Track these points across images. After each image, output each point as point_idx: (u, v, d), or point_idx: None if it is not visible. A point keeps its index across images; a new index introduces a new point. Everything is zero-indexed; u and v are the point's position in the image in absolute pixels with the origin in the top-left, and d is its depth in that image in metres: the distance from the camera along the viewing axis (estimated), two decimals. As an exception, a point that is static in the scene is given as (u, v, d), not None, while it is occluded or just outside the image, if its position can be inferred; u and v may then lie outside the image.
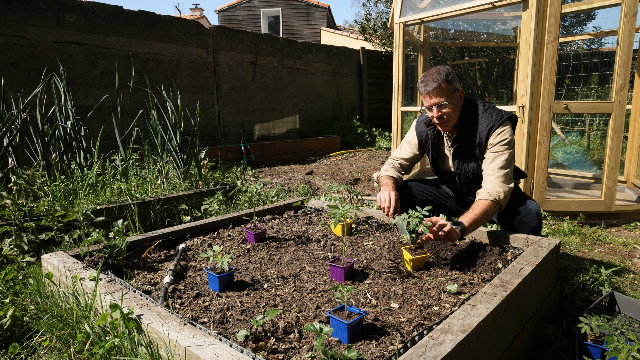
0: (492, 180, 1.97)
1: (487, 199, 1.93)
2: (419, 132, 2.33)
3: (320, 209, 2.75)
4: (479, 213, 1.89)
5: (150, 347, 1.23)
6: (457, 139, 2.14)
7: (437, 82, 1.98)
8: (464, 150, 2.15)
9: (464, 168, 2.18)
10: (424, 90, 2.02)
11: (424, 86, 2.02)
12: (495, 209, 1.95)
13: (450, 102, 2.00)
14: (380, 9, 11.47)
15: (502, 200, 1.93)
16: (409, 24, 4.17)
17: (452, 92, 2.01)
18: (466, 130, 2.11)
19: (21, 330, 1.65)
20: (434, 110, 2.02)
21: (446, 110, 2.01)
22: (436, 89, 1.98)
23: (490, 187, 1.96)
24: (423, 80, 2.04)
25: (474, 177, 2.17)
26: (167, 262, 1.90)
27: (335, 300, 1.46)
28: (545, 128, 3.24)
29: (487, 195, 1.93)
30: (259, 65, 7.68)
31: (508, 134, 2.03)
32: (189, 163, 3.60)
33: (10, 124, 2.91)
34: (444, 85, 1.98)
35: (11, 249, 2.11)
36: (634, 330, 1.56)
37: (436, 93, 1.99)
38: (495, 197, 1.92)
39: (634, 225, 3.33)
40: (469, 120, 2.11)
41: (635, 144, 4.22)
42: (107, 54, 5.57)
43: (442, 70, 2.01)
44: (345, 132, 9.08)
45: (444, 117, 2.03)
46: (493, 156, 2.02)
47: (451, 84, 2.00)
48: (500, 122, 2.03)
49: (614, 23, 7.18)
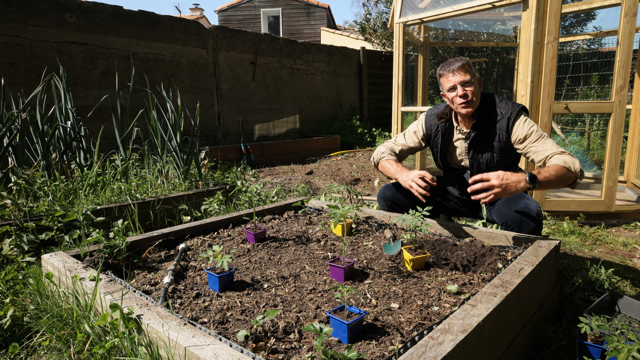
0: (559, 155, 1.88)
1: (560, 164, 1.82)
2: (428, 125, 2.31)
3: (320, 209, 2.75)
4: (554, 174, 1.78)
5: (150, 347, 1.23)
6: (474, 126, 2.12)
7: (462, 62, 2.01)
8: (480, 139, 2.13)
9: (478, 159, 2.16)
10: (448, 69, 2.03)
11: (448, 66, 2.03)
12: (571, 179, 1.84)
13: (475, 81, 2.02)
14: (380, 9, 11.48)
15: (578, 171, 1.83)
16: (409, 24, 4.17)
17: (474, 76, 2.04)
18: (484, 119, 2.10)
19: (21, 330, 1.65)
20: (459, 89, 2.01)
21: (470, 89, 2.01)
22: (461, 67, 2.00)
23: (562, 157, 1.85)
24: (445, 63, 2.06)
25: (486, 169, 2.15)
26: (167, 262, 1.90)
27: (335, 300, 1.46)
28: (545, 128, 3.24)
29: (562, 162, 1.83)
30: (259, 65, 7.68)
31: (533, 122, 2.04)
32: (189, 163, 3.60)
33: (10, 124, 2.91)
34: (467, 66, 2.01)
35: (11, 249, 2.11)
36: (634, 330, 1.56)
37: (462, 71, 2.00)
38: (570, 165, 1.82)
39: (634, 225, 3.33)
40: (486, 109, 2.11)
41: (635, 144, 4.22)
42: (107, 54, 5.57)
43: (462, 57, 2.04)
44: (345, 132, 9.08)
45: (468, 96, 2.01)
46: (541, 141, 1.98)
47: (472, 68, 2.04)
48: (517, 111, 2.04)
49: (614, 23, 7.19)
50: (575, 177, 1.85)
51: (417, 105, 5.05)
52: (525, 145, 2.04)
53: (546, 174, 1.79)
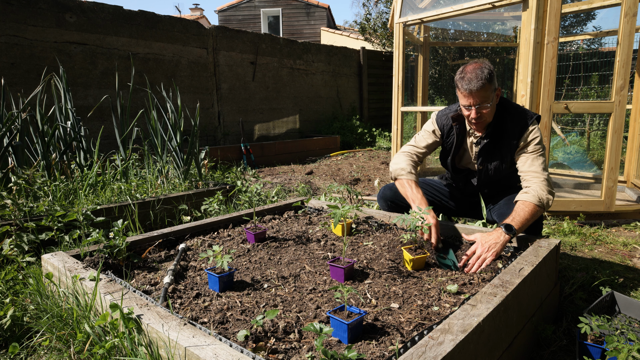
0: (539, 183, 1.91)
1: (534, 203, 1.86)
2: (441, 124, 2.23)
3: (320, 209, 2.75)
4: (528, 217, 1.83)
5: (150, 347, 1.23)
6: (488, 135, 2.06)
7: (482, 82, 1.86)
8: (490, 147, 2.10)
9: (486, 165, 2.15)
10: (466, 88, 1.89)
11: (467, 84, 1.89)
12: (540, 214, 1.89)
13: (492, 101, 1.93)
14: (380, 9, 11.48)
15: (547, 206, 1.89)
16: (409, 24, 4.17)
17: (492, 91, 1.92)
18: (497, 128, 2.06)
19: (21, 330, 1.65)
20: (472, 111, 1.93)
21: (486, 112, 1.94)
22: (480, 89, 1.87)
23: (539, 190, 1.88)
24: (464, 77, 1.90)
25: (493, 175, 2.15)
26: (167, 262, 1.90)
27: (335, 300, 1.46)
28: (545, 128, 3.24)
29: (537, 200, 1.86)
30: (259, 65, 7.68)
31: (539, 134, 2.02)
32: (189, 163, 3.60)
33: (10, 124, 2.91)
34: (487, 85, 1.87)
35: (11, 249, 2.11)
36: (634, 330, 1.56)
37: (479, 94, 1.88)
38: (544, 202, 1.86)
39: (634, 225, 3.33)
40: (500, 118, 2.06)
41: (635, 144, 4.22)
42: (107, 54, 5.57)
43: (485, 66, 1.89)
44: (345, 132, 9.08)
45: (482, 119, 1.96)
46: (532, 156, 1.98)
47: (492, 83, 1.90)
48: (530, 121, 2.01)
49: (614, 23, 7.19)
50: (543, 211, 1.91)
51: (417, 105, 5.05)
52: (520, 152, 2.05)
53: (520, 218, 1.83)
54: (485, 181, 2.21)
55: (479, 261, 1.71)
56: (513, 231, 1.78)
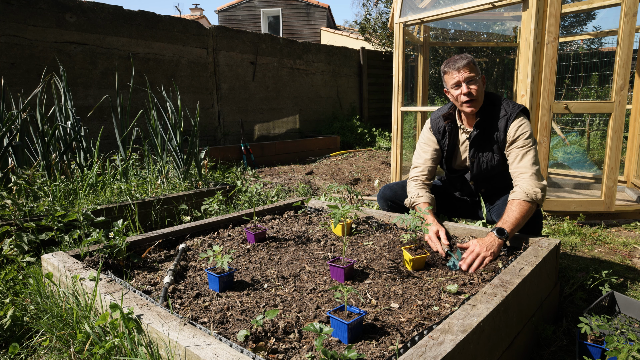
0: (527, 178, 1.93)
1: (523, 200, 1.88)
2: (435, 128, 2.29)
3: (320, 209, 2.75)
4: (518, 216, 1.84)
5: (150, 347, 1.23)
6: (477, 125, 2.12)
7: (467, 59, 2.02)
8: (481, 138, 2.14)
9: (479, 157, 2.16)
10: (454, 66, 2.04)
11: (453, 63, 2.04)
12: (534, 209, 1.91)
13: (479, 78, 2.03)
14: (380, 9, 11.47)
15: (540, 200, 1.89)
16: (409, 24, 4.17)
17: (478, 74, 2.05)
18: (486, 118, 2.11)
19: (21, 330, 1.65)
20: (463, 87, 2.02)
21: (475, 87, 2.02)
22: (467, 64, 2.01)
23: (526, 186, 1.91)
24: (450, 60, 2.07)
25: (486, 168, 2.16)
26: (167, 262, 1.90)
27: (335, 300, 1.46)
28: (545, 128, 3.24)
29: (524, 196, 1.88)
30: (259, 65, 7.68)
31: (528, 127, 2.03)
32: (189, 163, 3.60)
33: (10, 124, 2.91)
34: (472, 64, 2.02)
35: (11, 249, 2.11)
36: (634, 330, 1.56)
37: (467, 68, 2.01)
38: (532, 197, 1.88)
39: (634, 225, 3.33)
40: (489, 108, 2.12)
41: (635, 144, 4.22)
42: (107, 54, 5.57)
43: (467, 54, 2.06)
44: (345, 132, 9.08)
45: (472, 94, 2.02)
46: (521, 152, 2.00)
47: (476, 66, 2.07)
48: (517, 112, 2.04)
49: (614, 23, 7.18)
50: (536, 207, 1.93)
51: (417, 105, 5.05)
52: (510, 148, 2.06)
53: (511, 219, 1.84)
54: (480, 177, 2.21)
55: (479, 259, 1.72)
56: (505, 234, 1.79)
